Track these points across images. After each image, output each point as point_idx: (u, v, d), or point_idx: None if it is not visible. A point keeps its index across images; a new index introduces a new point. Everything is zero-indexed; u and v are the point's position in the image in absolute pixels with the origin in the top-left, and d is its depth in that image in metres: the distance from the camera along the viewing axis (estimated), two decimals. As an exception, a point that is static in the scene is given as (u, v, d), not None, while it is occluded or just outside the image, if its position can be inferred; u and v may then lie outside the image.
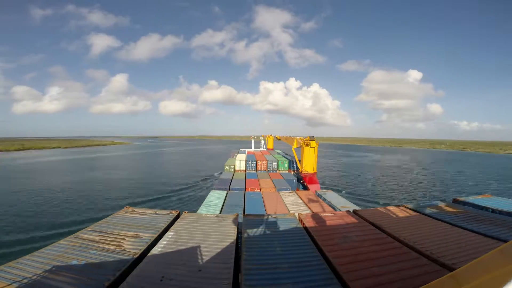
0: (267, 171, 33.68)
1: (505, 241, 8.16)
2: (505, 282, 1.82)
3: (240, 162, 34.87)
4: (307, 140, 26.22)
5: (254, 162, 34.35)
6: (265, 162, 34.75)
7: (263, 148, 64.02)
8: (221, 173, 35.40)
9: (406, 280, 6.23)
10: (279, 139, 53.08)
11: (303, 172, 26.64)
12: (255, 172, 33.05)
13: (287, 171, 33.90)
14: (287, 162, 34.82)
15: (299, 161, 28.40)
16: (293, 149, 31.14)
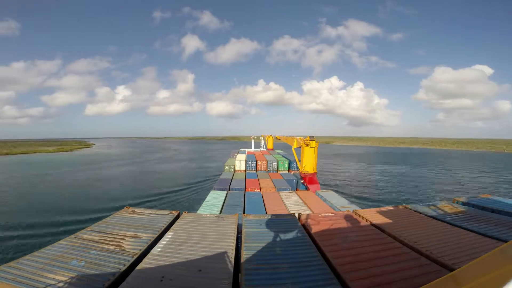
0: (267, 171, 33.68)
1: (505, 241, 8.16)
2: (505, 282, 1.82)
3: (240, 162, 34.87)
4: (307, 140, 26.21)
5: (254, 162, 34.35)
6: (265, 162, 34.75)
7: (263, 148, 64.03)
8: (221, 173, 35.40)
9: (406, 280, 6.23)
10: (279, 139, 53.05)
11: (303, 172, 26.63)
12: (255, 172, 33.05)
13: (287, 171, 33.90)
14: (287, 162, 34.81)
15: (299, 161, 28.39)
16: (293, 149, 31.11)
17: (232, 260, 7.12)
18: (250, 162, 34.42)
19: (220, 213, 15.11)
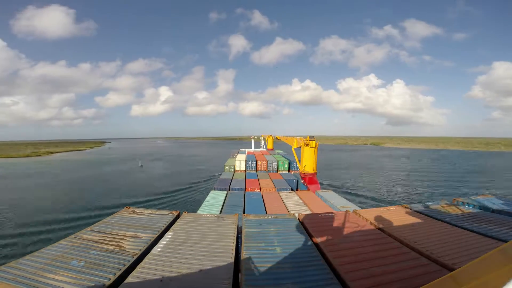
0: (267, 171, 33.68)
1: (505, 241, 8.15)
2: (505, 282, 1.82)
3: (240, 162, 34.89)
4: (307, 140, 26.22)
5: (254, 162, 34.35)
6: (265, 162, 34.76)
7: (263, 148, 64.07)
8: (221, 174, 35.41)
9: (406, 280, 6.23)
10: (279, 139, 53.06)
11: (303, 172, 26.63)
12: (255, 172, 33.06)
13: (287, 171, 33.90)
14: (287, 162, 34.82)
15: (299, 161, 28.39)
16: (293, 149, 31.12)
17: (232, 260, 7.13)
18: (250, 162, 34.44)
19: (220, 213, 15.11)
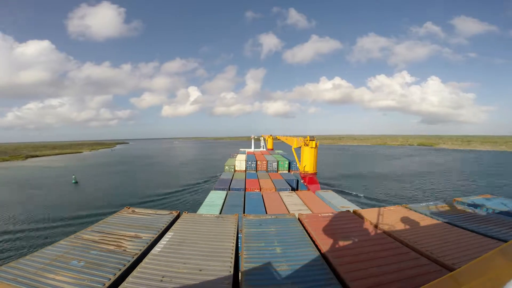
0: (267, 171, 33.70)
1: (505, 241, 8.16)
2: (505, 282, 1.82)
3: (240, 162, 34.90)
4: (306, 140, 26.23)
5: (254, 162, 34.37)
6: (265, 162, 34.76)
7: (263, 148, 64.05)
8: (221, 174, 35.38)
9: (406, 280, 6.23)
10: (279, 139, 53.06)
11: (303, 172, 26.63)
12: (255, 172, 33.07)
13: (287, 171, 33.89)
14: (287, 162, 34.82)
15: (299, 161, 28.38)
16: (293, 149, 31.13)
17: (232, 260, 7.13)
18: (250, 162, 34.45)
19: (220, 213, 15.12)
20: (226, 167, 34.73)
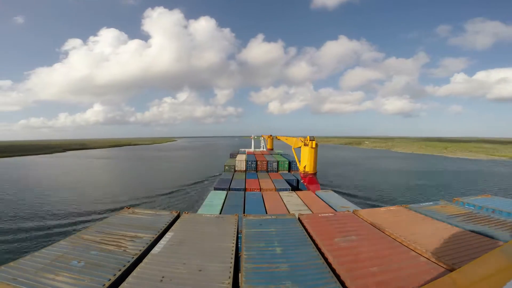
0: (267, 171, 33.69)
1: (505, 241, 8.17)
2: (505, 282, 1.82)
3: (240, 162, 34.86)
4: (306, 140, 26.22)
5: (254, 162, 34.35)
6: (265, 162, 34.75)
7: (263, 148, 64.05)
8: (221, 174, 35.37)
9: (406, 280, 6.23)
10: (278, 139, 53.07)
11: (303, 172, 26.63)
12: (255, 172, 33.06)
13: (287, 171, 33.89)
14: (287, 162, 34.81)
15: (299, 161, 28.38)
16: (293, 149, 31.13)
17: (232, 260, 7.13)
18: (250, 162, 34.43)
19: (220, 213, 15.11)
20: (226, 167, 34.69)
